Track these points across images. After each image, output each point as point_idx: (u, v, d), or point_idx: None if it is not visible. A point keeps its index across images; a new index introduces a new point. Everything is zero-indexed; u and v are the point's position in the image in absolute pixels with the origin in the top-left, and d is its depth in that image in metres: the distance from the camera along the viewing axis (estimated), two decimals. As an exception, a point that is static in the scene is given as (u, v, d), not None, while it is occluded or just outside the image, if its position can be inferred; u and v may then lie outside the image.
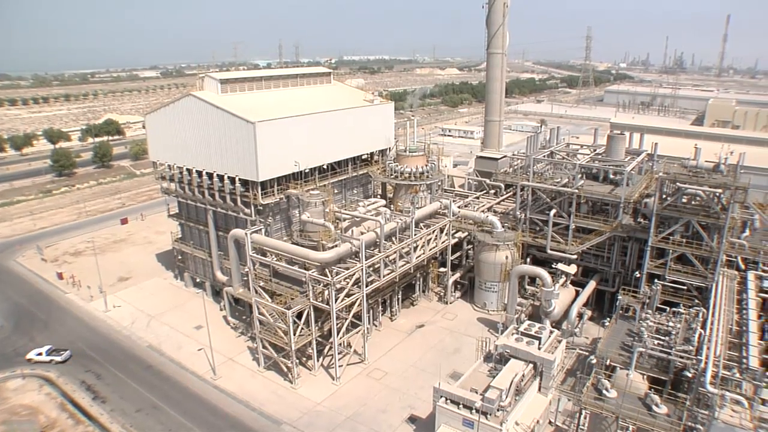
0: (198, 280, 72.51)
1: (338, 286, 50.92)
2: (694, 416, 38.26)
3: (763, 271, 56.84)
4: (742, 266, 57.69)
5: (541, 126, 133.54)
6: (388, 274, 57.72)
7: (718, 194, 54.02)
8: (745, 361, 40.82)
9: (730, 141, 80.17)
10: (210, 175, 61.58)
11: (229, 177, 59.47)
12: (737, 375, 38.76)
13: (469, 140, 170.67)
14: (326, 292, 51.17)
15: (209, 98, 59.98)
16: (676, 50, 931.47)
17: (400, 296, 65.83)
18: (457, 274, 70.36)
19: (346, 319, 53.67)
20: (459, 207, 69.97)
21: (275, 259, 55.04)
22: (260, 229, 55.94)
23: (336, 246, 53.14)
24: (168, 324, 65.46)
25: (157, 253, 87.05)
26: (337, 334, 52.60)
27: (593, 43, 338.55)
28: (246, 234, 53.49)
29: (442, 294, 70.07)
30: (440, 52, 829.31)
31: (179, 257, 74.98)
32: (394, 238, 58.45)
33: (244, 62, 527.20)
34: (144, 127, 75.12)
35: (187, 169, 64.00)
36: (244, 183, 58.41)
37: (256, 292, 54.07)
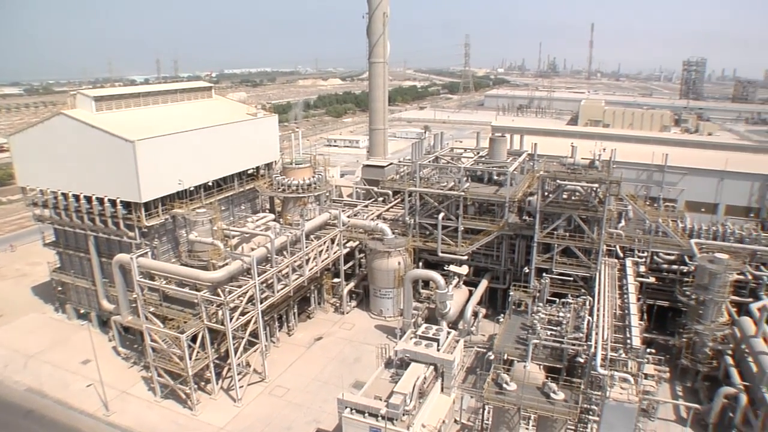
0: (82, 311, 68.10)
1: (232, 305, 49.64)
2: (588, 398, 41.11)
3: (639, 257, 61.30)
4: (621, 254, 61.94)
5: (425, 132, 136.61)
6: (282, 289, 57.00)
7: (595, 189, 57.61)
8: (629, 341, 44.16)
9: (602, 138, 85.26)
10: (89, 199, 57.94)
11: (109, 199, 56.44)
12: (623, 355, 41.83)
13: (354, 149, 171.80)
14: (220, 313, 49.80)
15: (83, 117, 56.74)
16: (549, 55, 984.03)
17: (296, 310, 65.15)
18: (352, 284, 70.57)
19: (243, 338, 52.41)
20: (348, 216, 70.27)
21: (165, 282, 52.94)
22: (146, 253, 53.62)
23: (227, 264, 51.87)
24: (50, 362, 60.15)
25: (33, 286, 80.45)
26: (235, 355, 51.31)
27: (472, 50, 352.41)
28: (132, 258, 51.00)
29: (337, 305, 69.99)
30: (323, 63, 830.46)
31: (59, 288, 69.88)
32: (285, 252, 57.80)
33: (120, 78, 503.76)
34: (7, 149, 69.76)
35: (63, 194, 59.89)
36: (126, 205, 55.75)
37: (147, 318, 51.75)
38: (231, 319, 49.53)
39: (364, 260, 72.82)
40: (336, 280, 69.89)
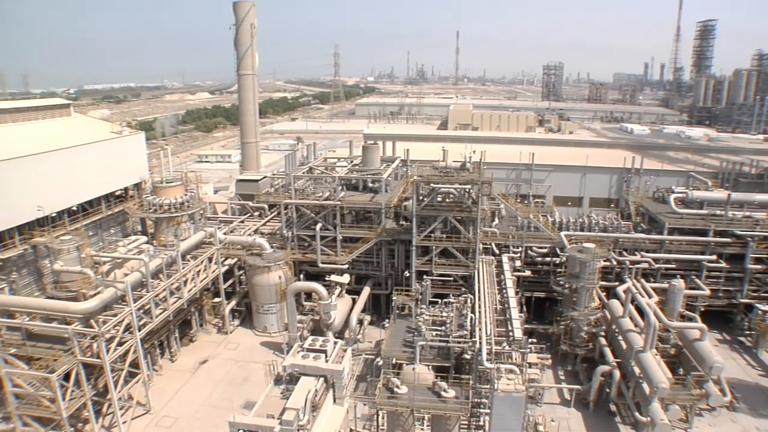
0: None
1: (108, 336, 46.85)
2: (478, 392, 42.79)
3: (514, 252, 64.44)
4: (497, 251, 64.76)
5: (297, 143, 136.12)
6: (161, 314, 54.58)
7: (468, 190, 59.93)
8: (511, 334, 46.30)
9: (472, 141, 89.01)
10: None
11: (-44, 233, 51.77)
12: (507, 348, 43.89)
13: (227, 164, 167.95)
14: (95, 345, 46.86)
15: None
16: (417, 63, 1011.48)
17: (177, 334, 62.66)
18: (233, 302, 68.92)
19: (123, 369, 49.60)
20: (225, 234, 68.68)
21: (28, 318, 49.07)
22: (2, 288, 49.61)
23: (99, 293, 48.93)
24: None
25: None
26: (115, 388, 48.34)
27: (341, 59, 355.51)
28: (-16, 296, 46.96)
29: (220, 325, 68.01)
30: (190, 77, 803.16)
31: None
32: (162, 275, 55.50)
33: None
34: None
35: None
36: (-24, 238, 51.34)
37: (7, 361, 47.66)
38: (108, 351, 46.63)
39: (244, 277, 71.30)
40: (217, 299, 67.87)
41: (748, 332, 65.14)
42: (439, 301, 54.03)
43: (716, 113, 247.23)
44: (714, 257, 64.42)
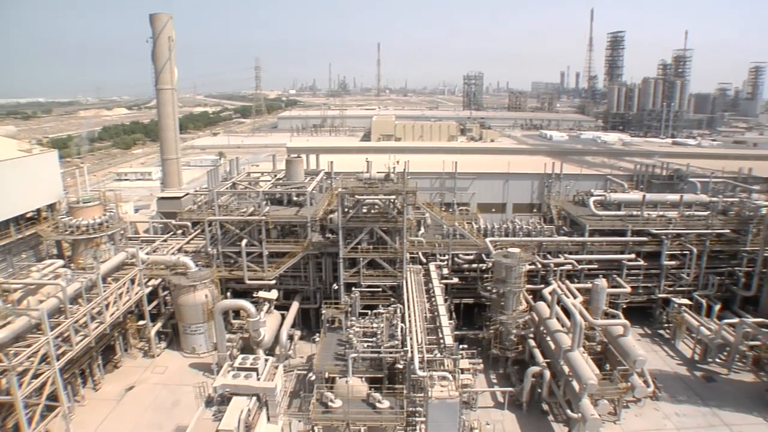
0: None
1: (20, 368, 44.34)
2: (412, 401, 43.03)
3: (441, 260, 65.15)
4: (424, 260, 65.31)
5: (220, 158, 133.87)
6: (81, 341, 52.19)
7: (392, 200, 60.11)
8: (442, 341, 46.71)
9: (395, 152, 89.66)
10: None
11: None
12: (439, 355, 44.28)
13: (148, 182, 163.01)
14: (4, 381, 44.14)
15: None
16: (339, 75, 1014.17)
17: (101, 361, 59.98)
18: (159, 324, 66.60)
19: (39, 404, 46.98)
20: (147, 254, 66.45)
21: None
22: None
23: (9, 323, 46.26)
24: None
25: None
26: (30, 426, 45.66)
27: (263, 72, 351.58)
28: None
29: (146, 348, 65.58)
30: (105, 92, 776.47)
31: None
32: (81, 300, 53.10)
33: None
34: None
35: None
36: None
37: None
38: (20, 386, 44.07)
39: (170, 297, 69.13)
40: (141, 322, 65.40)
41: (666, 325, 68.93)
42: (369, 312, 54.19)
43: (629, 119, 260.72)
44: (633, 256, 67.53)
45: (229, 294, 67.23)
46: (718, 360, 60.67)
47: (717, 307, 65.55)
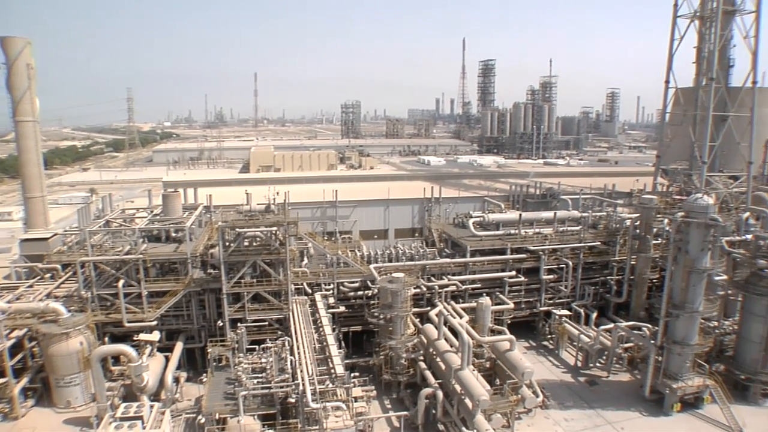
0: None
1: None
2: None
3: (326, 290, 64.56)
4: (309, 290, 64.52)
5: (91, 195, 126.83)
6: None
7: (274, 232, 59.21)
8: (333, 371, 46.58)
9: (275, 183, 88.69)
10: None
11: None
12: (331, 385, 43.95)
13: (7, 223, 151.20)
14: None
15: None
16: (216, 105, 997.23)
17: (-47, 428, 53.81)
18: (25, 380, 60.77)
19: None
20: (9, 302, 61.11)
21: None
22: None
23: None
24: None
25: None
26: None
27: (135, 104, 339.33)
28: None
29: (7, 410, 58.89)
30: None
31: None
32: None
33: None
34: None
35: None
36: None
37: None
38: None
39: (38, 348, 63.60)
40: (1, 380, 59.24)
41: (549, 336, 72.51)
42: (257, 347, 52.92)
43: (502, 142, 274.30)
44: (513, 273, 70.34)
45: (107, 339, 62.92)
46: (598, 364, 65.03)
47: (594, 315, 70.39)
